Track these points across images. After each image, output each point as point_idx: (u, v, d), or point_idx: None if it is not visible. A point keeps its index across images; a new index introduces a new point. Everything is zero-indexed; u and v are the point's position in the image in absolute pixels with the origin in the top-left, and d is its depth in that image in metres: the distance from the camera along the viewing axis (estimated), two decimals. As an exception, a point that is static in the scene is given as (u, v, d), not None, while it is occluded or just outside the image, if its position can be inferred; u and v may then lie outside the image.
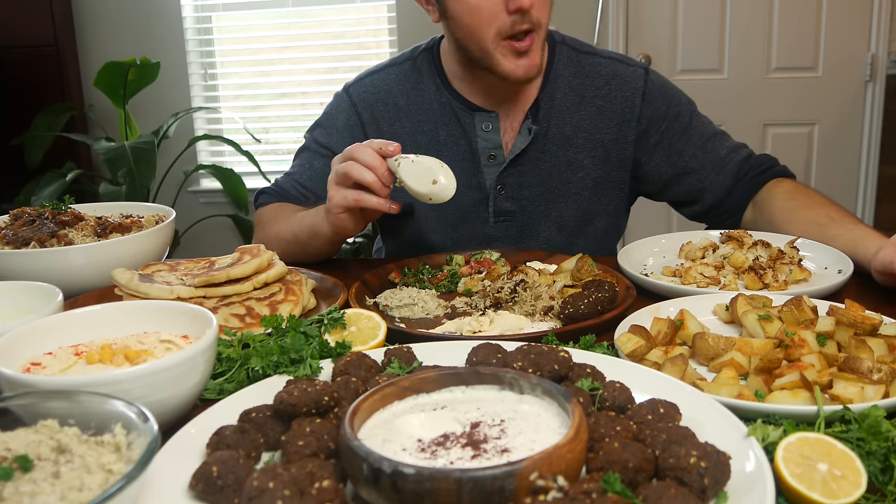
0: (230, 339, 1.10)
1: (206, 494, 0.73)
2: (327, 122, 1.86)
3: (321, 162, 1.81)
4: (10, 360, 0.92)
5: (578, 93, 1.76)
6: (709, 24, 3.95)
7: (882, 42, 3.84)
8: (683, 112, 1.79)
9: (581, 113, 1.76)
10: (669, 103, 1.78)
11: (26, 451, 0.72)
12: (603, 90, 1.77)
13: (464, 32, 1.62)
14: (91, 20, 4.45)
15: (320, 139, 1.84)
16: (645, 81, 1.78)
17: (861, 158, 4.01)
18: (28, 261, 1.39)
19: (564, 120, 1.76)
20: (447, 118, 1.77)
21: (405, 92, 1.80)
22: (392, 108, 1.80)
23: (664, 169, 1.79)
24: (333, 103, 1.88)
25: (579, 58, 1.79)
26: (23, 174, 4.14)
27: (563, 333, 1.15)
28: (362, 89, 1.84)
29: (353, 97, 1.83)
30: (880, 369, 0.95)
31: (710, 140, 1.78)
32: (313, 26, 4.41)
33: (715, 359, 1.06)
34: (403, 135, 1.79)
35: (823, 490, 0.71)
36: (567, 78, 1.77)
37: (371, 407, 0.80)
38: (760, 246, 1.49)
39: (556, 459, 0.67)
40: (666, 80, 1.85)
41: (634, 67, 1.80)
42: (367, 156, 1.39)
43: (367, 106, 1.82)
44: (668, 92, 1.80)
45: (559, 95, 1.76)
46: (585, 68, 1.78)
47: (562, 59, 1.78)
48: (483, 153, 1.76)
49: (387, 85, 1.82)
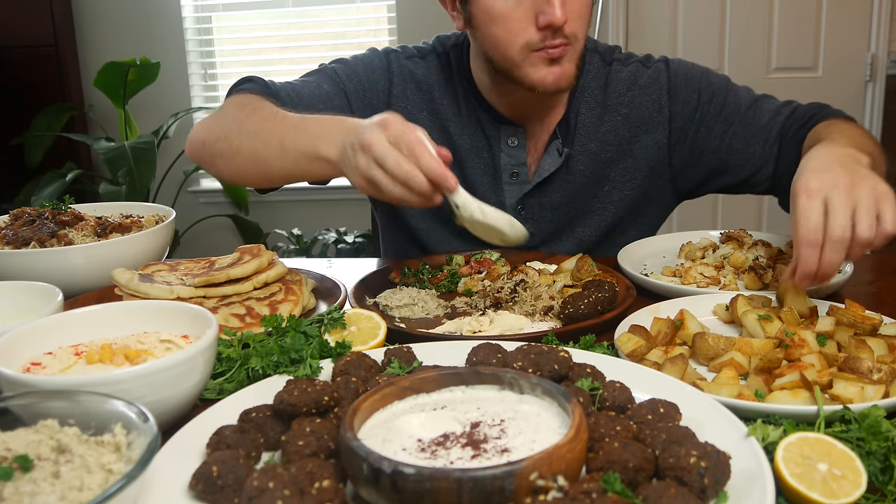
0: (230, 339, 1.10)
1: (206, 494, 0.73)
2: (353, 68, 1.67)
3: (332, 88, 1.63)
4: (10, 360, 0.92)
5: (602, 104, 1.65)
6: (709, 24, 3.95)
7: (882, 42, 3.84)
8: (717, 93, 1.63)
9: (605, 125, 1.64)
10: (700, 90, 1.64)
11: (26, 451, 0.72)
12: (625, 97, 1.65)
13: (490, 43, 1.50)
14: (91, 20, 4.46)
15: (341, 73, 1.66)
16: (668, 77, 1.65)
17: (861, 158, 4.01)
18: (28, 261, 1.39)
19: (590, 136, 1.64)
20: (472, 127, 1.66)
21: (440, 85, 1.68)
22: (426, 97, 1.68)
23: (708, 158, 1.65)
24: (367, 59, 1.70)
25: (605, 69, 1.67)
26: (23, 174, 4.14)
27: (563, 333, 1.15)
28: (404, 63, 1.69)
29: (392, 64, 1.68)
30: (880, 369, 0.95)
31: (750, 110, 1.61)
32: (313, 26, 4.41)
33: (715, 359, 1.06)
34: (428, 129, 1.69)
35: (823, 490, 0.71)
36: (593, 91, 1.66)
37: (371, 407, 0.80)
38: (760, 246, 1.49)
39: (556, 459, 0.67)
40: (690, 66, 1.69)
41: (655, 65, 1.68)
42: (422, 185, 1.11)
43: (402, 80, 1.68)
44: (694, 78, 1.65)
45: (584, 110, 1.65)
46: (609, 78, 1.66)
47: (591, 71, 1.66)
48: (506, 170, 1.65)
49: (428, 72, 1.69)
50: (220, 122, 1.45)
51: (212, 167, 1.49)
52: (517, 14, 1.42)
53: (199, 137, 1.49)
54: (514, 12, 1.42)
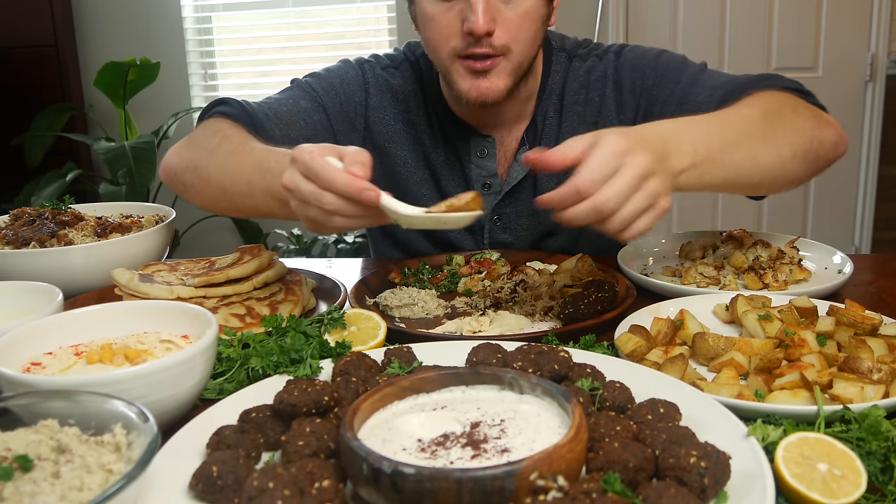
0: (230, 339, 1.10)
1: (206, 494, 0.73)
2: (329, 81, 1.63)
3: (310, 103, 1.58)
4: (10, 360, 0.92)
5: (560, 103, 1.61)
6: (709, 24, 3.95)
7: (882, 42, 3.84)
8: (666, 74, 1.52)
9: (564, 125, 1.60)
10: (644, 75, 1.55)
11: (26, 451, 0.72)
12: (580, 94, 1.60)
13: (426, 46, 1.48)
14: (91, 20, 4.46)
15: (317, 87, 1.61)
16: (616, 68, 1.58)
17: (861, 158, 4.01)
18: (28, 261, 1.39)
19: (551, 138, 1.60)
20: (444, 140, 1.62)
21: (415, 96, 1.64)
22: (402, 108, 1.64)
23: None
24: (342, 71, 1.65)
25: (567, 65, 1.61)
26: (23, 174, 4.14)
27: (563, 333, 1.15)
28: (380, 73, 1.65)
29: (367, 75, 1.64)
30: (880, 369, 0.95)
31: (688, 88, 1.48)
32: (313, 26, 4.41)
33: (715, 359, 1.06)
34: (403, 142, 1.64)
35: (823, 490, 0.71)
36: (556, 91, 1.61)
37: (371, 407, 0.80)
38: (760, 246, 1.49)
39: (556, 459, 0.67)
40: (641, 52, 1.59)
41: (608, 56, 1.60)
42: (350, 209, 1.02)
43: (378, 91, 1.64)
44: (639, 64, 1.56)
45: (551, 112, 1.61)
46: (569, 74, 1.61)
47: (557, 70, 1.61)
48: (477, 181, 1.62)
49: (404, 82, 1.65)
50: (191, 151, 1.40)
51: (184, 195, 1.44)
52: (446, 18, 1.38)
53: (171, 165, 1.45)
54: (443, 16, 1.39)
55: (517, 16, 1.38)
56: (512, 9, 1.38)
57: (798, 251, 1.50)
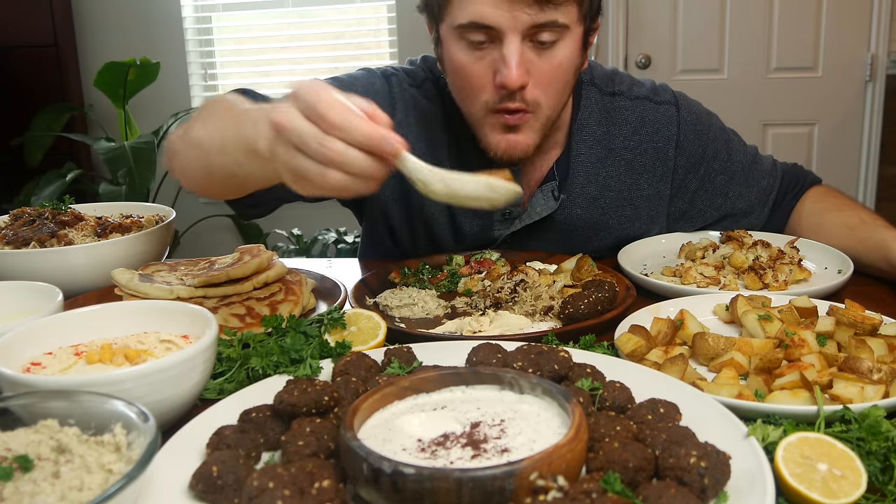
0: (230, 339, 1.10)
1: (206, 494, 0.73)
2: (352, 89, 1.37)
3: None
4: (10, 360, 0.92)
5: (605, 145, 1.56)
6: (709, 25, 3.95)
7: (882, 42, 3.84)
8: (720, 148, 1.61)
9: (608, 169, 1.56)
10: (706, 143, 1.60)
11: (26, 451, 0.72)
12: (632, 141, 1.57)
13: (456, 94, 1.42)
14: (91, 20, 4.46)
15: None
16: (678, 125, 1.58)
17: (861, 158, 4.01)
18: (28, 261, 1.39)
19: (590, 178, 1.56)
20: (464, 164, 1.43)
21: (438, 117, 1.56)
22: (426, 128, 1.54)
23: (708, 213, 1.65)
24: (366, 81, 1.56)
25: (605, 101, 1.57)
26: (23, 174, 4.14)
27: (563, 333, 1.15)
28: (407, 89, 1.56)
29: (394, 88, 1.55)
30: (880, 369, 0.95)
31: (751, 171, 1.63)
32: (313, 26, 4.42)
33: (715, 359, 1.06)
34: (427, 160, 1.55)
35: (823, 490, 0.71)
36: (592, 128, 1.56)
37: (371, 407, 0.80)
38: (760, 246, 1.49)
39: (556, 459, 0.67)
40: (698, 113, 1.62)
41: (665, 106, 1.59)
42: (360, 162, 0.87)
43: (405, 107, 1.55)
44: (702, 129, 1.60)
45: (584, 150, 1.55)
46: (612, 114, 1.57)
47: (588, 105, 1.56)
48: (496, 210, 1.54)
49: (430, 102, 1.57)
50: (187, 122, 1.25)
51: (173, 169, 1.28)
52: (477, 68, 1.33)
53: (169, 139, 1.31)
54: (474, 66, 1.33)
55: (550, 68, 1.33)
56: (546, 60, 1.32)
57: (798, 251, 1.50)
